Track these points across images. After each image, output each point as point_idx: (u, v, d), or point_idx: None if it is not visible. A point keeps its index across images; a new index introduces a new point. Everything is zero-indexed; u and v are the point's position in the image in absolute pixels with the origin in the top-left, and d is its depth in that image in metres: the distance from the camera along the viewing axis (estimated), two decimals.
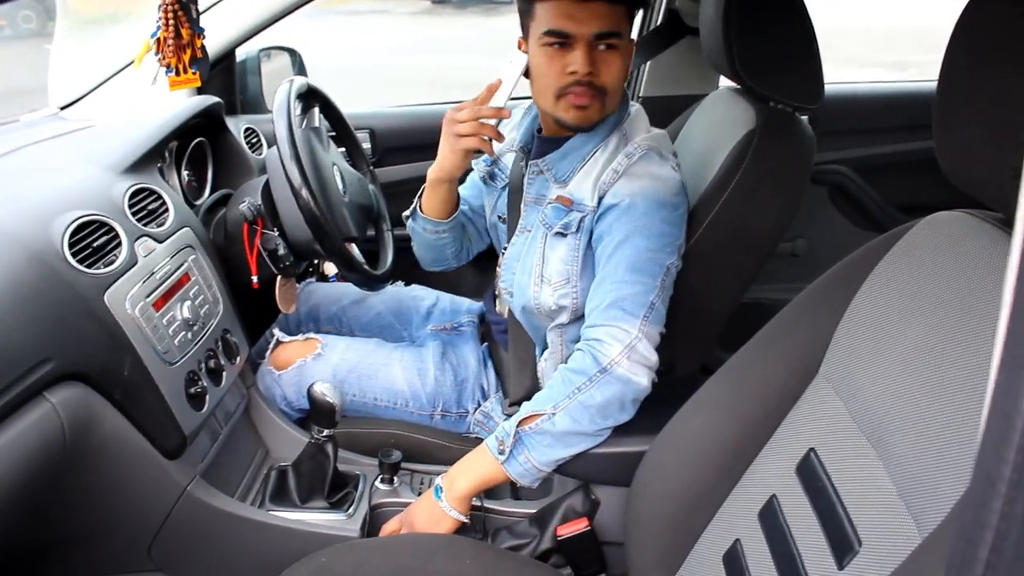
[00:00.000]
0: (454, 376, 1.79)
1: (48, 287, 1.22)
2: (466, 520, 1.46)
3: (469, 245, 1.90)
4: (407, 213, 1.81)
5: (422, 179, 2.38)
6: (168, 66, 1.36)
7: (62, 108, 2.08)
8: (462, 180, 1.78)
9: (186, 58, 1.35)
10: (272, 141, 1.67)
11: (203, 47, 1.38)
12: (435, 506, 1.45)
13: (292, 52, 2.57)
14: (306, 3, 2.14)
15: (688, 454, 1.26)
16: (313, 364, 1.77)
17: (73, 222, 1.32)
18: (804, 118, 1.67)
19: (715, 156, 1.61)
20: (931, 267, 0.98)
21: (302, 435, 1.72)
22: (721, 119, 1.70)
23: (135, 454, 1.33)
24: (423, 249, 1.86)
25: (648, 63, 2.37)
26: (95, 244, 1.34)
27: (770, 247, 1.65)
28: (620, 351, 1.41)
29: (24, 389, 1.10)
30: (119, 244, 1.39)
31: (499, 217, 1.75)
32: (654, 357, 1.45)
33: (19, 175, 1.50)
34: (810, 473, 1.04)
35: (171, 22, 1.31)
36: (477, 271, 2.46)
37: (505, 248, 1.70)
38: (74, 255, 1.28)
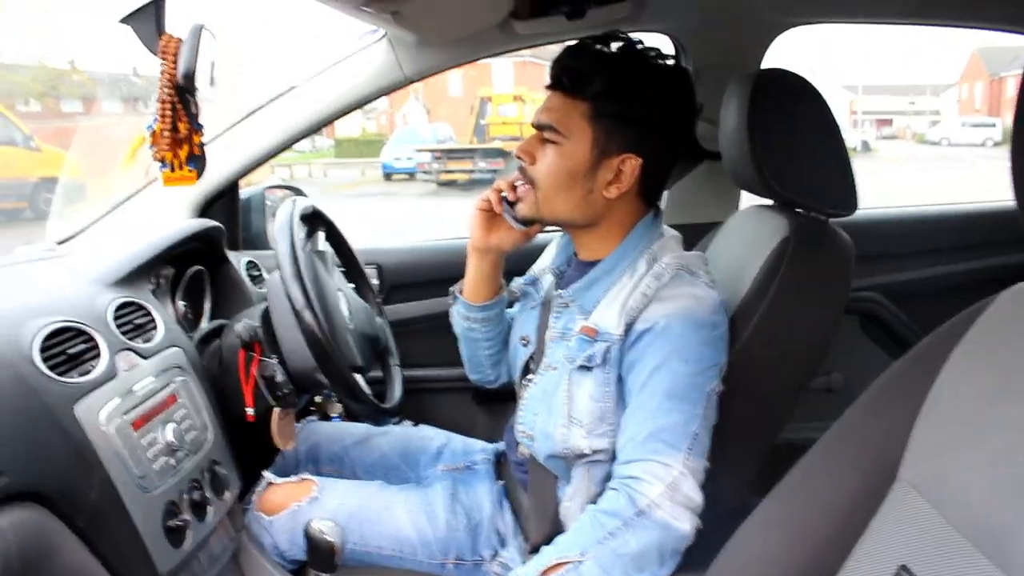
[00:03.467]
0: (467, 519, 1.60)
1: (11, 392, 1.08)
2: None
3: (508, 359, 1.74)
4: (453, 287, 1.70)
5: (432, 317, 2.34)
6: (163, 160, 1.27)
7: (59, 243, 2.00)
8: (510, 277, 1.67)
9: (182, 154, 1.27)
10: None
11: (201, 145, 1.29)
12: None
13: (298, 192, 2.53)
14: (309, 135, 2.11)
15: None
16: (308, 508, 1.58)
17: (47, 326, 1.19)
18: None
19: (748, 268, 1.50)
20: (1021, 345, 0.85)
21: None
22: (751, 234, 1.61)
23: None
24: (462, 344, 1.74)
25: (666, 192, 2.31)
26: (70, 352, 1.21)
27: (814, 362, 1.52)
28: (661, 491, 1.25)
29: None
30: (98, 355, 1.25)
31: (522, 339, 1.60)
32: (699, 498, 1.28)
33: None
34: None
35: (168, 115, 1.24)
36: (492, 414, 2.31)
37: (526, 381, 1.55)
38: (46, 361, 1.15)
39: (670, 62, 1.42)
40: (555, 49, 1.45)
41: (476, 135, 21.32)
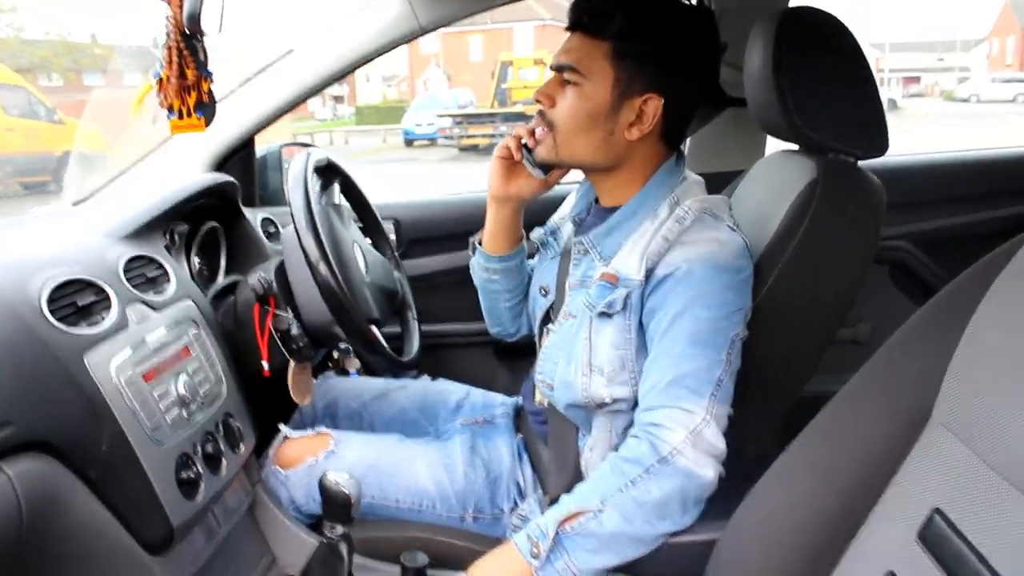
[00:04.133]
0: (486, 472, 1.58)
1: (19, 343, 1.06)
2: None
3: (527, 311, 1.71)
4: (473, 237, 1.67)
5: (450, 272, 2.31)
6: (170, 108, 1.24)
7: (74, 204, 1.99)
8: (530, 228, 1.64)
9: (191, 101, 1.24)
10: None
11: (210, 91, 1.26)
12: None
13: (313, 148, 2.49)
14: (325, 87, 2.07)
15: (775, 536, 1.06)
16: (325, 463, 1.57)
17: (55, 277, 1.17)
18: None
19: (774, 213, 1.45)
20: None
21: (315, 541, 1.51)
22: (777, 179, 1.56)
23: (111, 546, 1.12)
24: (482, 296, 1.72)
25: (688, 140, 2.26)
26: (80, 304, 1.19)
27: (843, 309, 1.47)
28: (684, 437, 1.22)
29: None
30: (108, 307, 1.23)
31: (541, 289, 1.57)
32: (722, 445, 1.26)
33: (9, 241, 1.38)
34: (939, 538, 0.83)
35: (175, 61, 1.20)
36: (512, 368, 2.29)
37: (546, 330, 1.52)
38: (54, 313, 1.13)
39: (693, 1, 1.37)
40: None
41: (498, 100, 21.17)
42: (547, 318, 1.56)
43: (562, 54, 1.37)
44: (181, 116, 1.25)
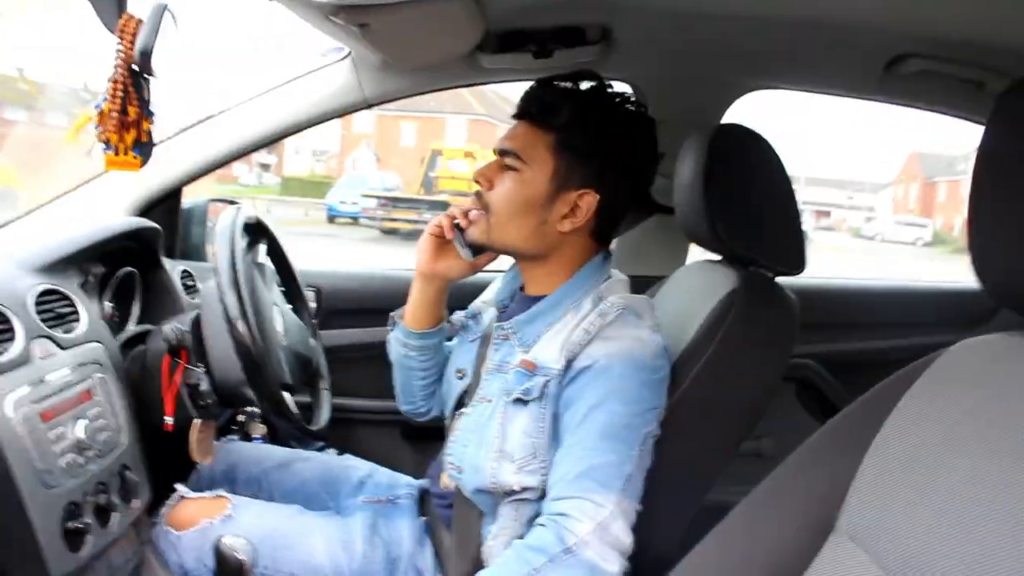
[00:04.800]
0: (385, 553, 1.53)
1: None
2: None
3: (440, 393, 1.69)
4: (394, 312, 1.65)
5: (365, 347, 2.28)
6: (107, 142, 1.21)
7: None
8: (451, 311, 1.63)
9: (129, 138, 1.21)
10: None
11: (149, 132, 1.24)
12: None
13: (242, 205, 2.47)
14: (263, 147, 2.06)
15: None
16: (220, 527, 1.50)
17: None
18: None
19: (693, 318, 1.49)
20: (971, 395, 0.85)
21: None
22: (699, 286, 1.60)
23: None
24: (396, 372, 1.68)
25: (614, 241, 2.31)
26: None
27: (753, 417, 1.51)
28: (591, 529, 1.21)
29: None
30: (12, 339, 1.18)
31: (457, 371, 1.56)
32: (628, 540, 1.25)
33: None
34: None
35: (119, 96, 1.18)
36: (419, 449, 2.25)
37: (458, 414, 1.51)
38: None
39: (639, 109, 1.42)
40: (510, 111, 1.45)
41: (424, 187, 21.37)
42: (460, 402, 1.55)
43: (506, 139, 1.40)
44: (117, 152, 1.22)
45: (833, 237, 35.07)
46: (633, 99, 1.43)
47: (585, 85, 1.41)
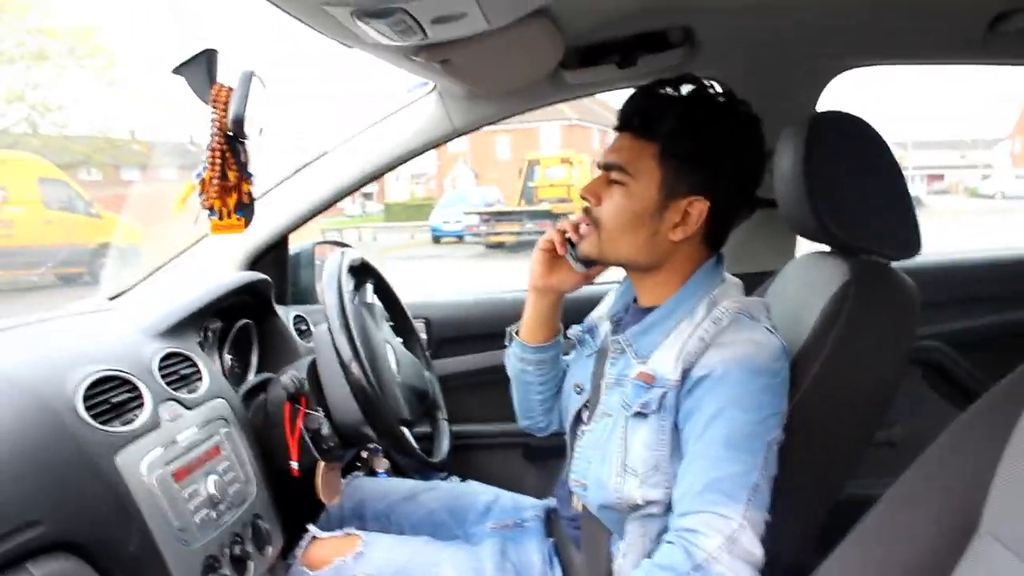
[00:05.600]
0: None
1: (51, 440, 1.06)
2: None
3: (560, 407, 1.69)
4: (510, 327, 1.66)
5: (479, 372, 2.30)
6: (211, 208, 1.26)
7: (111, 298, 2.01)
8: (567, 326, 1.64)
9: (231, 202, 1.26)
10: None
11: (250, 193, 1.29)
12: None
13: (345, 247, 2.52)
14: (360, 188, 2.11)
15: None
16: (353, 564, 1.54)
17: (92, 375, 1.17)
18: None
19: (808, 314, 1.44)
20: None
21: None
22: (810, 279, 1.55)
23: None
24: (514, 388, 1.70)
25: None
26: (114, 401, 1.19)
27: (879, 410, 1.45)
28: (719, 543, 1.18)
29: (1, 554, 0.90)
30: (141, 405, 1.23)
31: (576, 386, 1.56)
32: (759, 552, 1.21)
33: (47, 335, 1.40)
34: None
35: (218, 163, 1.23)
36: (541, 469, 2.25)
37: (579, 431, 1.50)
38: (89, 410, 1.13)
39: (742, 107, 1.39)
40: (602, 113, 1.44)
41: (524, 198, 21.46)
42: (579, 417, 1.54)
43: (610, 153, 1.39)
44: (221, 217, 1.27)
45: (948, 200, 33.57)
46: (737, 98, 1.39)
47: (686, 89, 1.38)
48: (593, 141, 34.47)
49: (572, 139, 32.71)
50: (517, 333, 1.64)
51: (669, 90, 1.38)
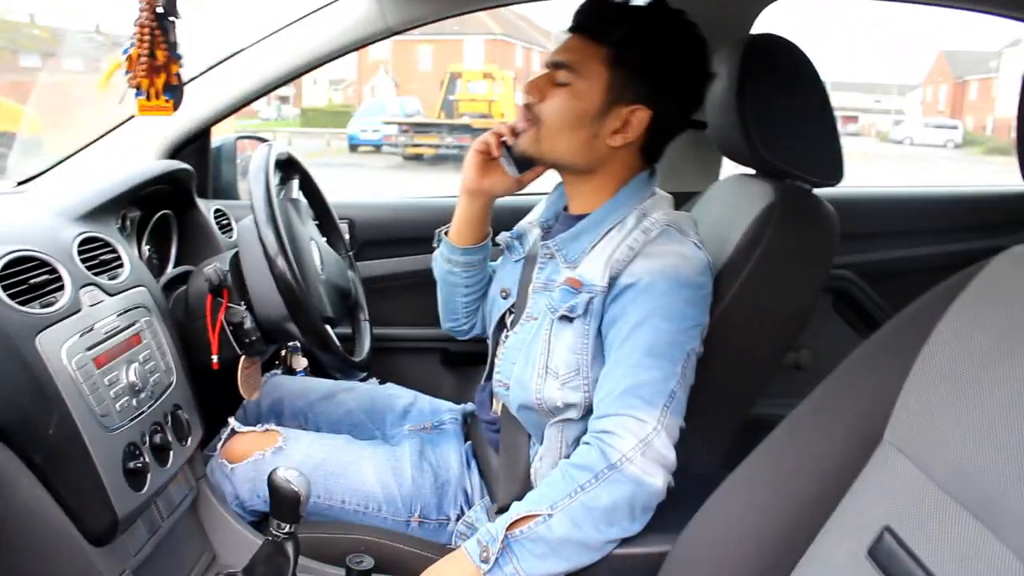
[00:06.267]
0: (434, 478, 1.57)
1: None
2: None
3: (484, 312, 1.71)
4: (440, 229, 1.67)
5: (401, 276, 2.30)
6: (138, 88, 1.20)
7: (20, 183, 1.93)
8: (496, 233, 1.66)
9: (159, 82, 1.21)
10: None
11: (179, 75, 1.23)
12: None
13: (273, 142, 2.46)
14: (287, 82, 2.05)
15: (727, 547, 1.07)
16: (272, 459, 1.55)
17: (8, 255, 1.13)
18: None
19: (731, 234, 1.48)
20: (1019, 305, 0.85)
21: (257, 539, 1.48)
22: (735, 201, 1.59)
23: (53, 534, 1.09)
24: (440, 289, 1.72)
25: None
26: (32, 283, 1.15)
27: (795, 332, 1.51)
28: (634, 445, 1.23)
29: None
30: (61, 288, 1.20)
31: (502, 291, 1.58)
32: (672, 456, 1.27)
33: None
34: (888, 556, 0.85)
35: (146, 40, 1.17)
36: (458, 376, 2.28)
37: (503, 334, 1.53)
38: (6, 291, 1.09)
39: (693, 28, 1.40)
40: (527, 30, 1.44)
41: (444, 110, 21.18)
42: (503, 321, 1.57)
43: (559, 53, 1.40)
44: (149, 97, 1.22)
45: (861, 143, 34.39)
46: (688, 18, 1.40)
47: (641, 1, 1.40)
48: (517, 58, 34.05)
49: (495, 54, 32.23)
50: (446, 234, 1.64)
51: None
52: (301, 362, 1.99)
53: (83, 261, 1.29)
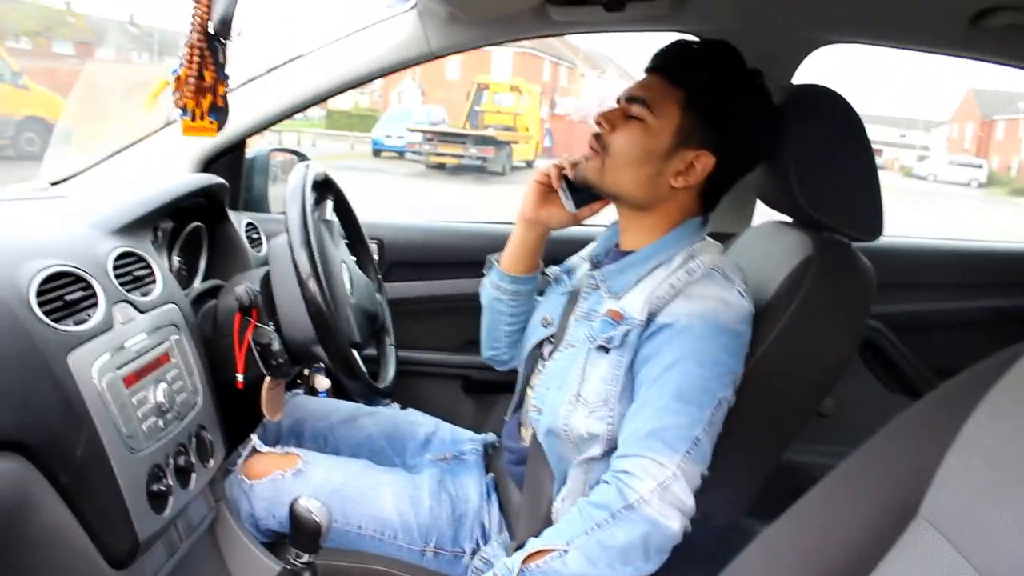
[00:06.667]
0: (452, 509, 1.56)
1: (5, 336, 1.02)
2: None
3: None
4: (491, 256, 1.69)
5: (428, 300, 2.29)
6: (184, 108, 1.21)
7: (53, 184, 1.93)
8: (547, 262, 1.67)
9: (205, 103, 1.21)
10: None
11: (224, 96, 1.23)
12: None
13: (302, 157, 2.47)
14: (325, 100, 2.05)
15: None
16: (292, 480, 1.54)
17: (45, 269, 1.13)
18: None
19: (768, 283, 1.46)
20: None
21: (274, 563, 1.47)
22: (772, 249, 1.57)
23: (73, 556, 1.08)
24: (485, 316, 1.72)
25: None
26: (67, 299, 1.15)
27: (829, 383, 1.49)
28: (651, 488, 1.22)
29: None
30: (95, 304, 1.19)
31: (543, 319, 1.58)
32: (690, 501, 1.25)
33: None
34: None
35: (196, 61, 1.17)
36: (479, 404, 2.27)
37: (541, 365, 1.54)
38: (42, 306, 1.09)
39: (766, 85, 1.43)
40: (557, 46, 1.44)
41: (470, 121, 21.22)
42: (539, 348, 1.57)
43: (637, 88, 1.41)
44: (194, 118, 1.22)
45: (884, 177, 34.27)
46: (762, 76, 1.43)
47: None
48: (544, 72, 34.13)
49: (523, 68, 32.29)
50: (498, 261, 1.65)
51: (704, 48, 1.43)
52: (324, 383, 1.98)
53: (117, 277, 1.28)
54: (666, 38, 1.47)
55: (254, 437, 1.63)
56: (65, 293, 1.15)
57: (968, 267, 2.49)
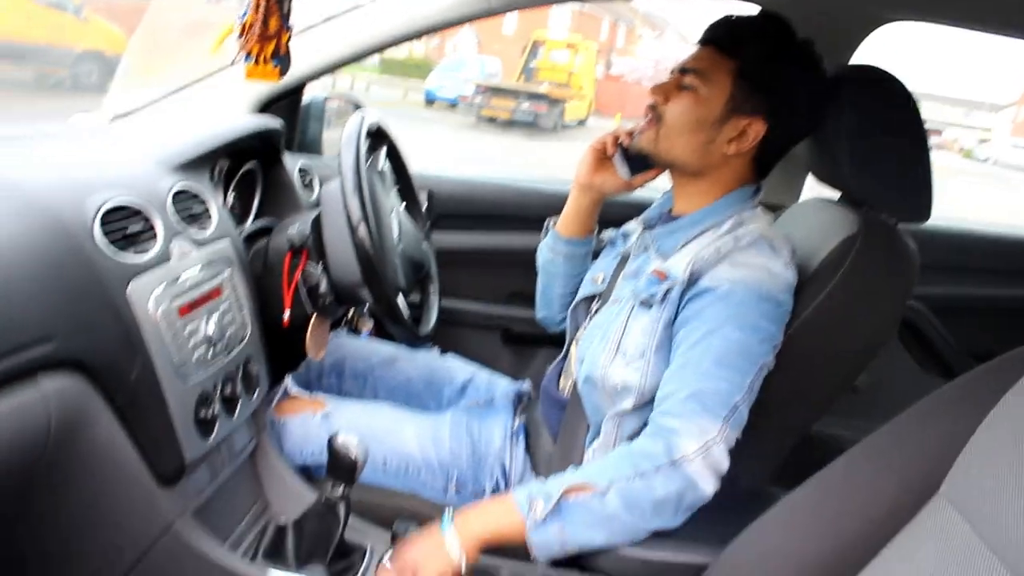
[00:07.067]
0: (471, 450, 1.63)
1: (69, 262, 1.07)
2: (463, 571, 1.26)
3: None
4: (548, 220, 1.76)
5: (475, 252, 2.33)
6: (248, 53, 1.24)
7: (115, 117, 1.98)
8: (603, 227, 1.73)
9: (268, 50, 1.24)
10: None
11: (288, 44, 1.27)
12: (435, 538, 1.28)
13: (358, 105, 2.50)
14: (383, 50, 2.07)
15: (766, 572, 1.08)
16: (321, 421, 1.64)
17: (109, 201, 1.18)
18: None
19: (811, 257, 1.48)
20: None
21: (309, 493, 1.53)
22: (817, 224, 1.58)
23: (125, 471, 1.14)
24: (540, 277, 1.82)
25: None
26: (128, 232, 1.20)
27: (863, 361, 1.51)
28: (696, 448, 1.27)
29: (14, 365, 0.93)
30: (154, 237, 1.25)
31: (595, 278, 1.65)
32: (727, 464, 1.30)
33: (63, 147, 1.41)
34: None
35: (261, 7, 1.21)
36: (516, 355, 2.31)
37: (587, 318, 1.59)
38: (104, 237, 1.14)
39: (819, 56, 1.45)
40: (617, 6, 1.45)
41: (524, 76, 21.09)
42: (587, 302, 1.64)
43: (690, 60, 1.45)
44: (257, 62, 1.26)
45: (941, 156, 33.42)
46: (812, 45, 1.44)
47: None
48: (602, 31, 33.69)
49: (581, 24, 31.89)
50: (555, 225, 1.71)
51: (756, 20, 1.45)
52: (367, 323, 2.03)
53: (176, 213, 1.33)
54: (725, 7, 1.48)
55: (288, 379, 1.69)
56: (127, 225, 1.20)
57: (1016, 255, 2.47)
